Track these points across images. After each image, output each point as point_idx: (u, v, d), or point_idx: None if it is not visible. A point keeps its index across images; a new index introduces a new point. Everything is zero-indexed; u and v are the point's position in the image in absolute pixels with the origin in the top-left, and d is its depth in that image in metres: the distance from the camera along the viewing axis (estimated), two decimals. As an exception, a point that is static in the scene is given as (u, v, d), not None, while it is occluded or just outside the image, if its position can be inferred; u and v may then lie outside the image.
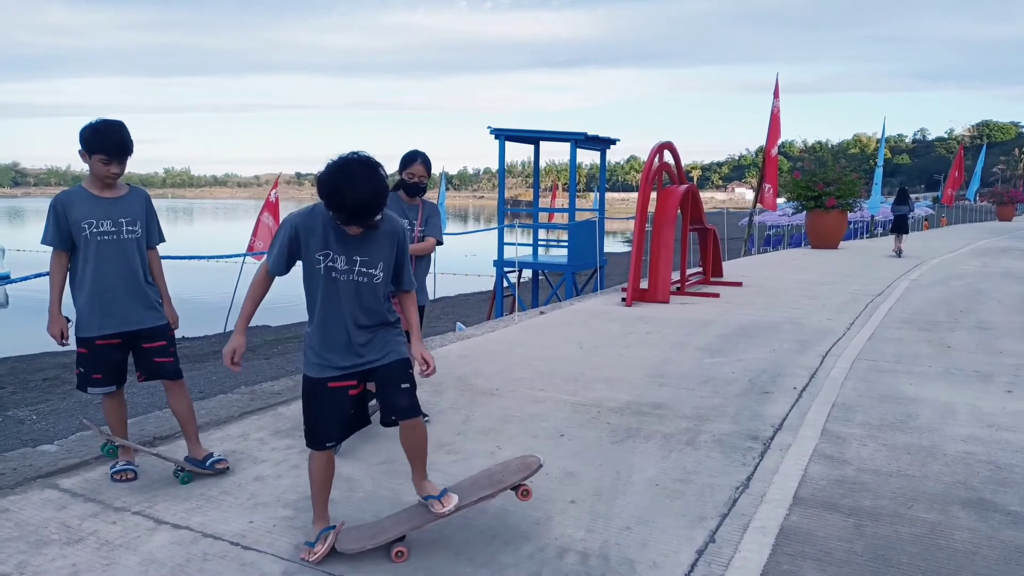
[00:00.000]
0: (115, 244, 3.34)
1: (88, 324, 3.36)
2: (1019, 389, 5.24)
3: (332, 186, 2.53)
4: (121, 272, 3.36)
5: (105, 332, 3.36)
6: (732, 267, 13.18)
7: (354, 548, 2.73)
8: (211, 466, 3.51)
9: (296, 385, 5.18)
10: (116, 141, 3.25)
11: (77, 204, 3.30)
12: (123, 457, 3.52)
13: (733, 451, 3.95)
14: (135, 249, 3.40)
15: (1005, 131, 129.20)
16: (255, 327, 14.93)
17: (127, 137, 3.29)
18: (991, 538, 2.98)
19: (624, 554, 2.82)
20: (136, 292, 3.41)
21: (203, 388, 8.55)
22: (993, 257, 16.47)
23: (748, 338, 6.95)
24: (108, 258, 3.33)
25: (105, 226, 3.31)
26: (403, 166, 4.31)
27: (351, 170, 2.53)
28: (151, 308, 3.47)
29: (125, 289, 3.37)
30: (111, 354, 3.41)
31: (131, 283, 3.39)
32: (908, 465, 3.76)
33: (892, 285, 11.09)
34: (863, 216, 27.13)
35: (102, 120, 3.28)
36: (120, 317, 3.38)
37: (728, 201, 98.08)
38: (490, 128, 13.14)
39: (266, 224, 15.28)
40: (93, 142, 3.24)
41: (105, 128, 3.26)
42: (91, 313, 3.35)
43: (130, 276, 3.39)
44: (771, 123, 16.18)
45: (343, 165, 2.55)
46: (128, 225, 3.37)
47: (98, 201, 3.33)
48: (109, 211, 3.33)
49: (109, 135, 3.25)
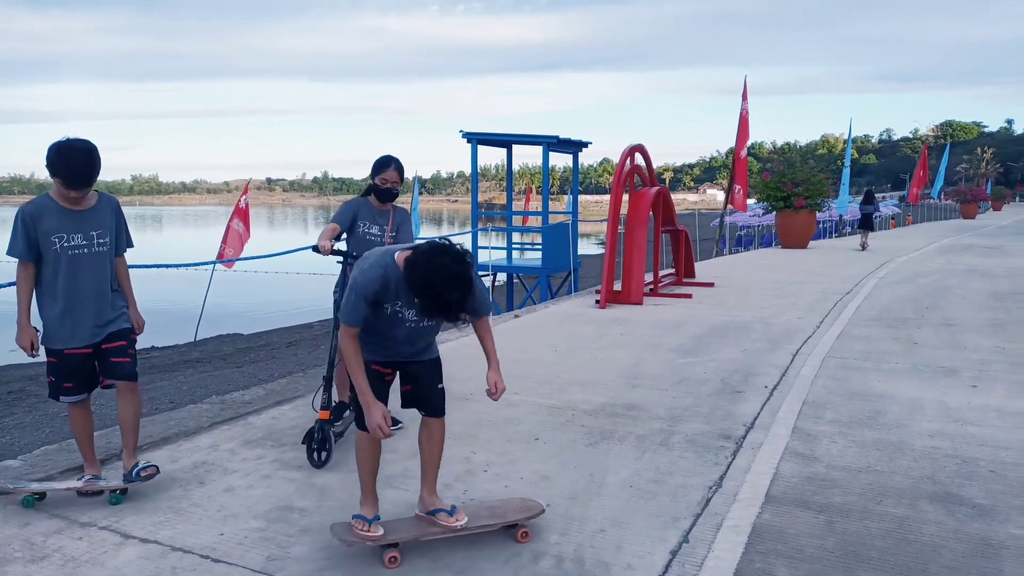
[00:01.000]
0: (86, 258, 3.29)
1: (58, 336, 3.30)
2: (984, 384, 5.35)
3: (429, 285, 2.57)
4: (92, 285, 3.32)
5: (75, 344, 3.31)
6: (704, 268, 13.31)
7: (348, 539, 2.79)
8: (136, 476, 3.34)
9: (267, 394, 5.12)
10: (77, 169, 3.14)
11: (46, 216, 3.22)
12: (89, 471, 3.45)
13: (706, 451, 3.97)
14: (106, 261, 3.37)
15: (968, 131, 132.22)
16: (226, 335, 14.75)
17: (88, 168, 3.15)
18: (958, 531, 3.03)
19: (599, 557, 2.82)
20: (105, 303, 3.38)
21: (173, 398, 8.41)
22: (958, 254, 16.83)
23: (720, 338, 7.01)
24: (79, 272, 3.27)
25: (76, 240, 3.26)
26: (376, 171, 4.26)
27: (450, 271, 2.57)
28: (117, 317, 3.42)
29: (96, 302, 3.34)
30: (81, 362, 3.36)
31: (101, 295, 3.36)
32: (877, 461, 3.82)
33: (860, 283, 11.28)
34: (831, 216, 27.55)
35: (69, 142, 3.15)
36: (90, 330, 3.33)
37: (700, 202, 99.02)
38: (462, 132, 13.14)
39: (236, 231, 15.10)
40: (55, 165, 3.13)
41: (69, 152, 3.12)
42: (61, 326, 3.29)
43: (101, 288, 3.35)
44: (740, 125, 16.36)
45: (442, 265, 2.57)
46: (99, 238, 3.32)
47: (68, 214, 3.25)
48: (79, 224, 3.27)
49: (71, 162, 3.12)
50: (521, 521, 2.97)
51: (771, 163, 22.95)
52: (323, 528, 3.03)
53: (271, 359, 11.61)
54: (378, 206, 4.31)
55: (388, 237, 4.29)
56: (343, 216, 4.23)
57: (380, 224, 4.28)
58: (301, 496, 3.39)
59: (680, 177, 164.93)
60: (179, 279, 20.45)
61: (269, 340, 13.73)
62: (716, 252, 19.75)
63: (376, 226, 4.28)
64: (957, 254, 16.94)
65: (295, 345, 12.98)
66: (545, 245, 13.20)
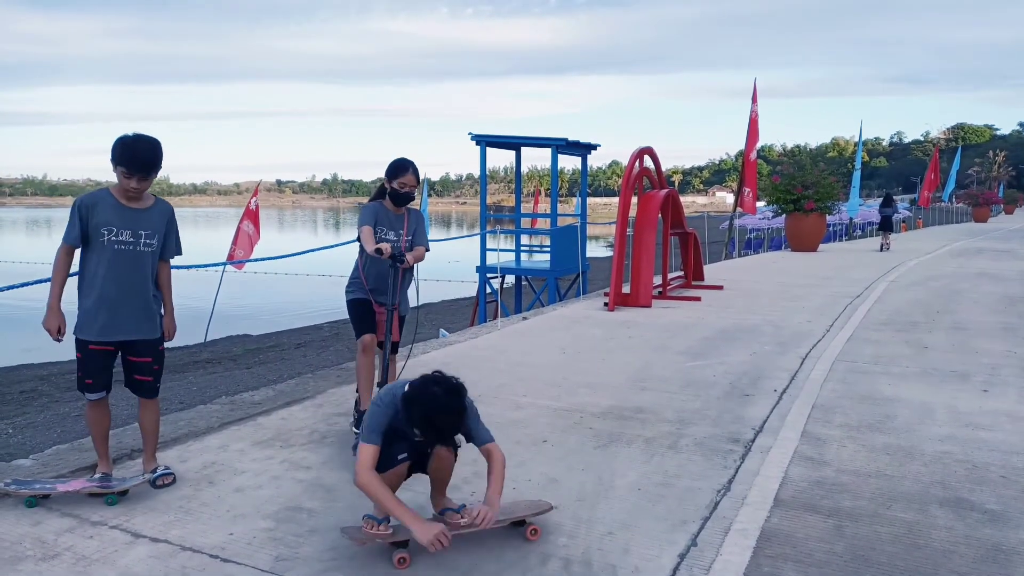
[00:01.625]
0: (129, 255, 3.36)
1: (89, 327, 3.36)
2: (995, 388, 5.31)
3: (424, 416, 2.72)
4: (131, 282, 3.38)
5: (102, 339, 3.37)
6: (713, 271, 13.27)
7: (359, 538, 2.82)
8: (153, 482, 3.47)
9: (276, 395, 5.14)
10: (140, 157, 3.26)
11: (100, 208, 3.33)
12: (101, 469, 3.48)
13: (714, 454, 3.97)
14: (148, 262, 3.43)
15: (979, 134, 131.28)
16: (236, 336, 14.81)
17: (152, 155, 3.30)
18: (968, 537, 3.01)
19: (606, 559, 2.82)
20: (140, 304, 3.43)
21: (183, 399, 8.46)
22: (969, 258, 16.72)
23: (729, 341, 6.99)
24: (121, 267, 3.35)
25: (124, 236, 3.34)
26: (392, 175, 4.23)
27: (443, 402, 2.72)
28: (150, 320, 3.48)
29: (131, 300, 3.39)
30: (103, 359, 3.42)
31: (138, 294, 3.41)
32: (887, 465, 3.80)
33: (870, 287, 11.22)
34: (842, 219, 27.43)
35: (136, 134, 3.31)
36: (120, 327, 3.39)
37: (709, 205, 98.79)
38: (471, 134, 13.15)
39: (246, 232, 15.17)
40: (118, 153, 3.26)
41: (134, 143, 3.28)
42: (95, 317, 3.36)
43: (138, 287, 3.41)
44: (750, 128, 16.33)
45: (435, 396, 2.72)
46: (146, 238, 3.39)
47: (122, 210, 3.35)
48: (130, 221, 3.35)
49: (135, 149, 3.27)
50: (529, 518, 2.98)
51: (781, 166, 22.84)
52: (332, 528, 3.04)
53: (280, 360, 11.67)
54: (393, 209, 4.30)
55: (404, 242, 4.29)
56: (370, 219, 4.21)
57: (396, 229, 4.28)
58: (310, 496, 3.41)
59: (689, 179, 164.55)
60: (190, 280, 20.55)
61: (279, 341, 13.78)
62: (725, 255, 19.68)
63: (392, 231, 4.27)
64: (968, 258, 16.83)
65: (304, 346, 13.03)
66: (554, 247, 13.19)
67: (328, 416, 4.64)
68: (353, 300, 4.37)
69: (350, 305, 4.38)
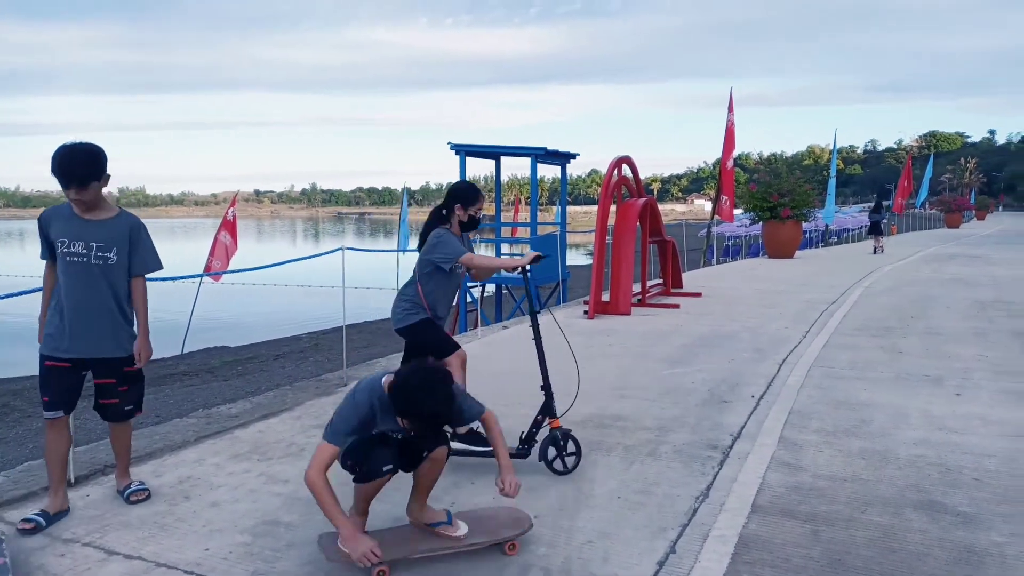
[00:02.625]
0: (81, 267, 3.22)
1: (46, 342, 3.28)
2: (967, 392, 5.40)
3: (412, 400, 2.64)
4: (86, 297, 3.23)
5: (56, 354, 3.25)
6: (692, 278, 13.37)
7: (333, 556, 2.78)
8: (126, 498, 3.42)
9: (254, 408, 5.09)
10: (62, 168, 3.11)
11: (55, 221, 3.25)
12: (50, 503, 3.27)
13: (693, 461, 3.99)
14: (102, 275, 3.25)
15: (951, 141, 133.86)
16: (213, 348, 14.65)
17: (71, 165, 3.11)
18: (942, 539, 3.05)
19: (587, 568, 2.82)
20: (99, 320, 3.26)
21: (159, 412, 8.35)
22: (942, 264, 16.99)
23: (708, 348, 7.05)
24: (74, 281, 3.23)
25: (76, 247, 3.21)
26: (469, 202, 4.10)
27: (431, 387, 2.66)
28: (111, 337, 3.31)
29: (87, 315, 3.24)
30: (59, 376, 3.27)
31: (95, 310, 3.25)
32: (862, 470, 3.84)
33: (846, 293, 11.36)
34: (818, 225, 27.76)
35: (68, 144, 3.14)
36: (75, 343, 3.25)
37: (688, 213, 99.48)
38: (450, 144, 13.16)
39: (223, 243, 15.04)
40: (52, 166, 3.12)
41: (58, 154, 3.11)
42: (51, 332, 3.27)
43: (95, 302, 3.25)
44: (726, 136, 16.49)
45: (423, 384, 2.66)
46: (99, 250, 3.23)
47: (77, 222, 3.24)
48: (83, 233, 3.22)
49: (58, 161, 3.10)
50: (511, 538, 2.96)
51: (757, 174, 23.15)
52: (309, 542, 3.01)
53: (259, 372, 11.55)
54: (458, 235, 4.18)
55: (464, 269, 4.22)
56: (462, 246, 4.10)
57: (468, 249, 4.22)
58: (288, 510, 3.37)
59: (668, 188, 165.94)
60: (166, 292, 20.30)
61: (257, 353, 13.64)
62: (704, 262, 19.84)
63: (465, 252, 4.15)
64: (941, 263, 17.10)
65: (283, 358, 12.92)
66: (534, 256, 13.20)
67: (306, 428, 4.60)
68: (427, 321, 4.13)
69: (425, 326, 4.11)
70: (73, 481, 3.65)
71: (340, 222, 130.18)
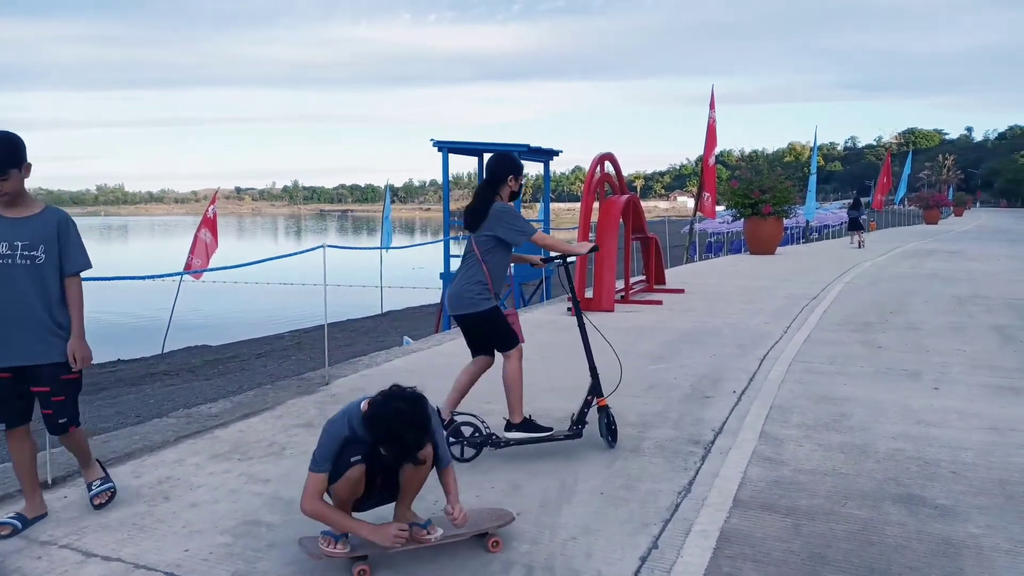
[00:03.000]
0: (5, 268, 3.02)
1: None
2: (945, 386, 5.47)
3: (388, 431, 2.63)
4: (12, 300, 3.03)
5: None
6: (675, 274, 13.43)
7: (315, 554, 2.77)
8: (91, 501, 3.33)
9: (234, 407, 5.05)
10: None
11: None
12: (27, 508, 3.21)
13: (675, 456, 4.01)
14: (27, 275, 3.04)
15: (930, 138, 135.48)
16: (195, 347, 14.51)
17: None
18: (920, 531, 3.09)
19: (569, 564, 2.83)
20: (26, 323, 3.05)
21: (139, 412, 8.28)
22: (921, 259, 17.20)
23: (690, 344, 7.08)
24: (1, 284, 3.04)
25: (1, 249, 3.02)
26: (518, 171, 4.15)
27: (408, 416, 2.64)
28: (43, 341, 3.09)
29: (14, 319, 3.03)
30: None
31: (20, 312, 3.04)
32: (842, 464, 3.88)
33: (827, 288, 11.47)
34: (799, 222, 27.99)
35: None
36: (4, 350, 3.05)
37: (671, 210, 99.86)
38: (433, 141, 13.13)
39: (204, 240, 14.90)
40: None
41: None
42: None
43: (19, 304, 3.04)
44: (708, 133, 16.58)
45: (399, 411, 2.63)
46: (24, 249, 3.03)
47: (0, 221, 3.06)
48: (7, 232, 3.03)
49: None
50: (491, 530, 2.96)
51: (739, 171, 23.30)
52: (290, 542, 2.99)
53: (241, 371, 11.47)
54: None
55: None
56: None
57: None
58: (269, 510, 3.35)
59: (651, 185, 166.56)
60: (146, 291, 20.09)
61: (239, 352, 13.55)
62: (686, 259, 19.95)
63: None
64: (920, 259, 17.31)
65: (265, 356, 12.84)
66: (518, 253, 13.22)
67: (288, 427, 4.57)
68: (496, 309, 4.07)
69: (496, 314, 4.05)
70: (51, 483, 3.61)
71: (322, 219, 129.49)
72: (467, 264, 4.09)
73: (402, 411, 2.65)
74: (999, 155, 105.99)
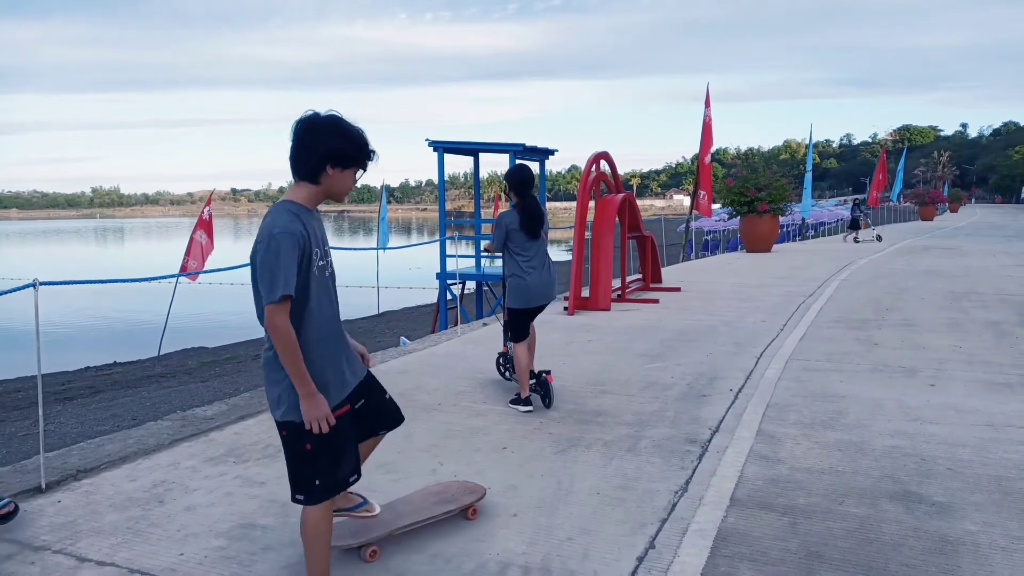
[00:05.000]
0: None
1: None
2: (941, 383, 5.47)
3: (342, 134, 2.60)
4: None
5: None
6: (671, 273, 13.43)
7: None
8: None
9: (230, 410, 5.03)
10: None
11: None
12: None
13: (672, 455, 4.00)
14: None
15: (924, 135, 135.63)
16: (191, 349, 14.47)
17: None
18: (917, 529, 3.09)
19: (566, 565, 2.82)
20: None
21: (135, 414, 8.24)
22: (916, 256, 17.22)
23: (687, 342, 7.08)
24: None
25: None
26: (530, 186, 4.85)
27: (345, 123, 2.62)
28: None
29: None
30: None
31: None
32: (839, 462, 3.88)
33: (823, 286, 11.47)
34: (795, 219, 28.02)
35: None
36: None
37: (667, 208, 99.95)
38: (429, 140, 13.09)
39: (199, 242, 14.85)
40: None
41: None
42: None
43: None
44: (703, 131, 16.58)
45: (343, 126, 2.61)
46: None
47: None
48: None
49: None
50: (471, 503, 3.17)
51: (735, 168, 23.34)
52: (287, 545, 2.98)
53: (237, 373, 11.44)
54: None
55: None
56: None
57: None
58: (264, 513, 3.33)
59: (647, 183, 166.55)
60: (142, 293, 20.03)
61: (235, 353, 13.51)
62: (683, 257, 19.94)
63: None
64: (916, 255, 17.33)
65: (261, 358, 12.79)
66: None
67: (284, 429, 4.55)
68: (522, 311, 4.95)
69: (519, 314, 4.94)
70: (44, 487, 3.59)
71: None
72: (546, 261, 4.97)
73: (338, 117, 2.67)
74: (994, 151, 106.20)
